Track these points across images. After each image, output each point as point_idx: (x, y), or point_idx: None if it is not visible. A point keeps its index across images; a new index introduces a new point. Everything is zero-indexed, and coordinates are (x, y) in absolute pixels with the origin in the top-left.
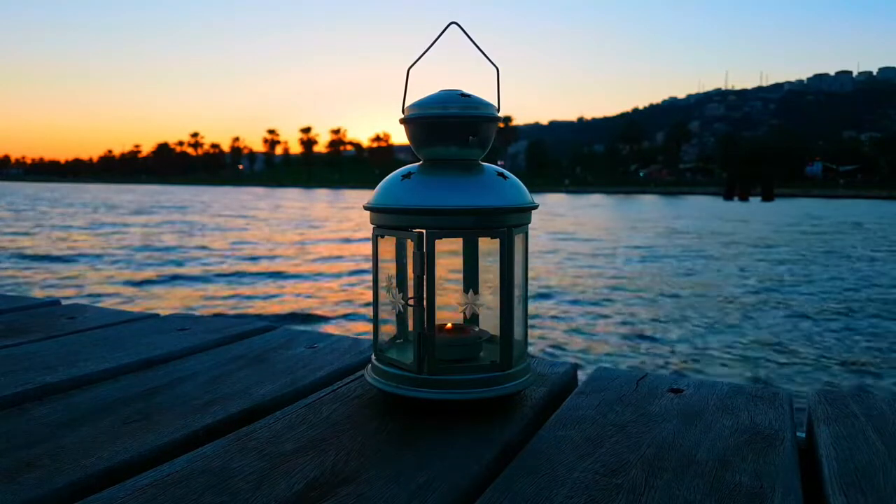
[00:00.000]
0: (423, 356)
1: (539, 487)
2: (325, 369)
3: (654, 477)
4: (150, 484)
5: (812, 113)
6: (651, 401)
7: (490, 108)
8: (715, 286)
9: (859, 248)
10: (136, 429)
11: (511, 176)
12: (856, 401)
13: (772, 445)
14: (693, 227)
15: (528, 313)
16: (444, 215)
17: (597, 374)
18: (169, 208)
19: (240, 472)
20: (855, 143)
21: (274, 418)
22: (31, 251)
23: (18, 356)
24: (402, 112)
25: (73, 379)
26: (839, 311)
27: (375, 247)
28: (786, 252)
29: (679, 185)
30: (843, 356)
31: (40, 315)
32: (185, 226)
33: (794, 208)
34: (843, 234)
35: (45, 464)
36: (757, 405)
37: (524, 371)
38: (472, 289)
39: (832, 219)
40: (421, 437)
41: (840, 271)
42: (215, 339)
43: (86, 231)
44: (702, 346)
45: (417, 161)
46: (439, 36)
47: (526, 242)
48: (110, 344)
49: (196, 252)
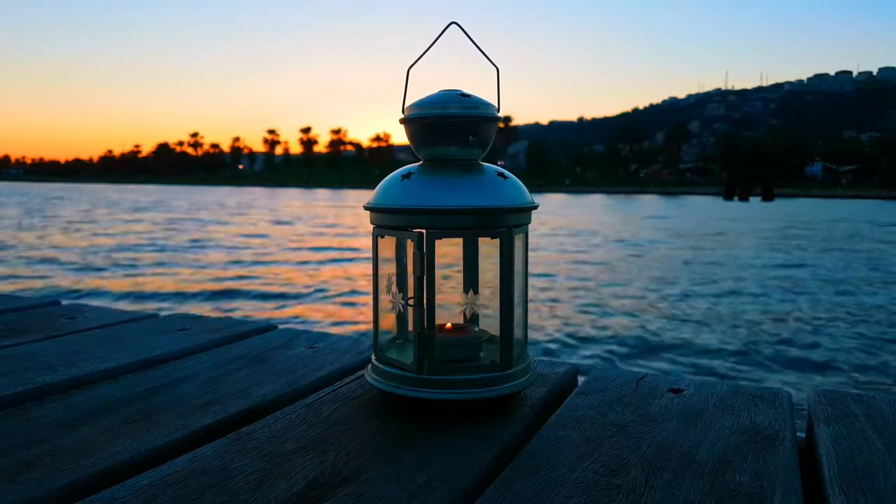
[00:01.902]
0: (423, 356)
1: (539, 487)
2: (325, 369)
3: (654, 477)
4: (150, 484)
5: (812, 113)
6: (651, 401)
7: (490, 108)
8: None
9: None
10: (136, 429)
11: (511, 176)
12: (856, 401)
13: (772, 445)
14: (674, 224)
15: (528, 313)
16: (443, 215)
17: (597, 374)
18: (242, 207)
19: (240, 472)
20: (855, 143)
21: (274, 418)
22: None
23: (18, 356)
24: (402, 112)
25: (73, 379)
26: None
27: (375, 247)
28: (721, 244)
29: (679, 186)
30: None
31: (40, 315)
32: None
33: (789, 209)
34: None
35: (45, 464)
36: (757, 405)
37: (524, 371)
38: (472, 289)
39: (810, 219)
40: (421, 437)
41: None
42: (215, 339)
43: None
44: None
45: (417, 161)
46: (439, 36)
47: (526, 242)
48: (110, 344)
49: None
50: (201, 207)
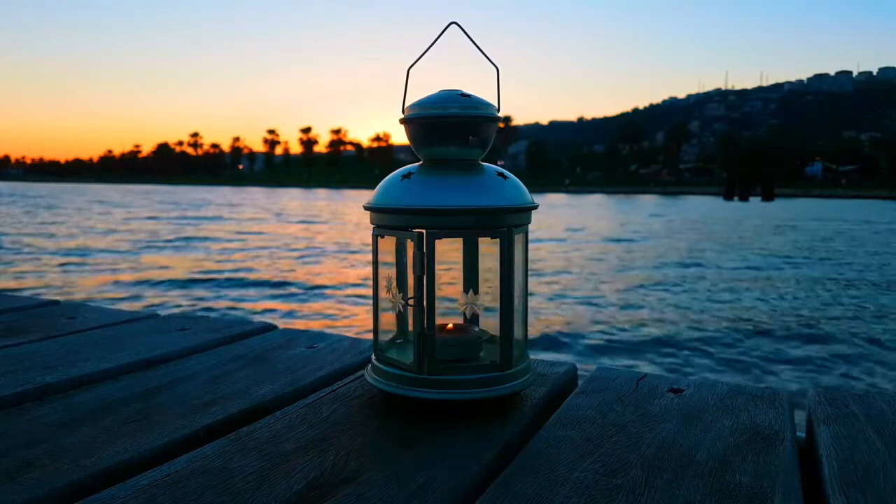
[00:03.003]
0: (423, 356)
1: (539, 487)
2: (325, 369)
3: (654, 477)
4: (150, 484)
5: (812, 113)
6: (651, 401)
7: (490, 108)
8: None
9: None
10: (136, 429)
11: (511, 176)
12: (856, 401)
13: (772, 445)
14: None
15: (528, 313)
16: (443, 215)
17: (597, 374)
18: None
19: (240, 472)
20: (855, 143)
21: (274, 418)
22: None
23: (18, 356)
24: (402, 112)
25: (73, 379)
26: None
27: (375, 247)
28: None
29: (679, 185)
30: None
31: (40, 315)
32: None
33: (783, 209)
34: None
35: (45, 464)
36: (757, 405)
37: (524, 371)
38: (472, 289)
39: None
40: (421, 437)
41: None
42: (215, 339)
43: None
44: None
45: (417, 161)
46: (439, 36)
47: (526, 242)
48: (110, 344)
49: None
50: (234, 205)
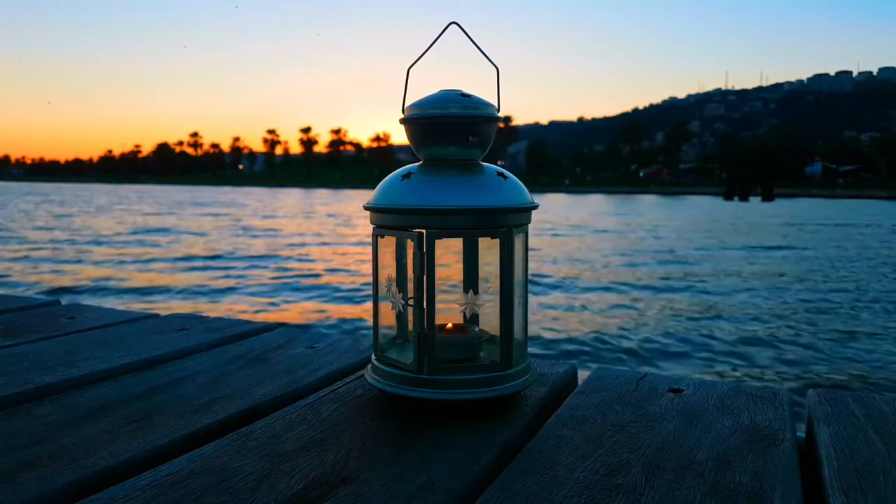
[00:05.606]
0: (423, 356)
1: (539, 487)
2: (324, 369)
3: (654, 477)
4: (150, 484)
5: (812, 113)
6: (651, 401)
7: (490, 108)
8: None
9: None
10: (136, 429)
11: (511, 176)
12: (856, 401)
13: (772, 445)
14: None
15: (528, 313)
16: (443, 215)
17: (597, 374)
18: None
19: (240, 472)
20: (855, 143)
21: (274, 418)
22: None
23: (18, 356)
24: (402, 112)
25: (73, 379)
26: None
27: (375, 247)
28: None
29: (679, 185)
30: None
31: (40, 315)
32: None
33: (781, 209)
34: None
35: (45, 464)
36: (757, 405)
37: (524, 371)
38: (472, 289)
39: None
40: (421, 437)
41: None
42: (215, 339)
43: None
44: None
45: (417, 161)
46: (439, 36)
47: (526, 242)
48: (110, 344)
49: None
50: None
